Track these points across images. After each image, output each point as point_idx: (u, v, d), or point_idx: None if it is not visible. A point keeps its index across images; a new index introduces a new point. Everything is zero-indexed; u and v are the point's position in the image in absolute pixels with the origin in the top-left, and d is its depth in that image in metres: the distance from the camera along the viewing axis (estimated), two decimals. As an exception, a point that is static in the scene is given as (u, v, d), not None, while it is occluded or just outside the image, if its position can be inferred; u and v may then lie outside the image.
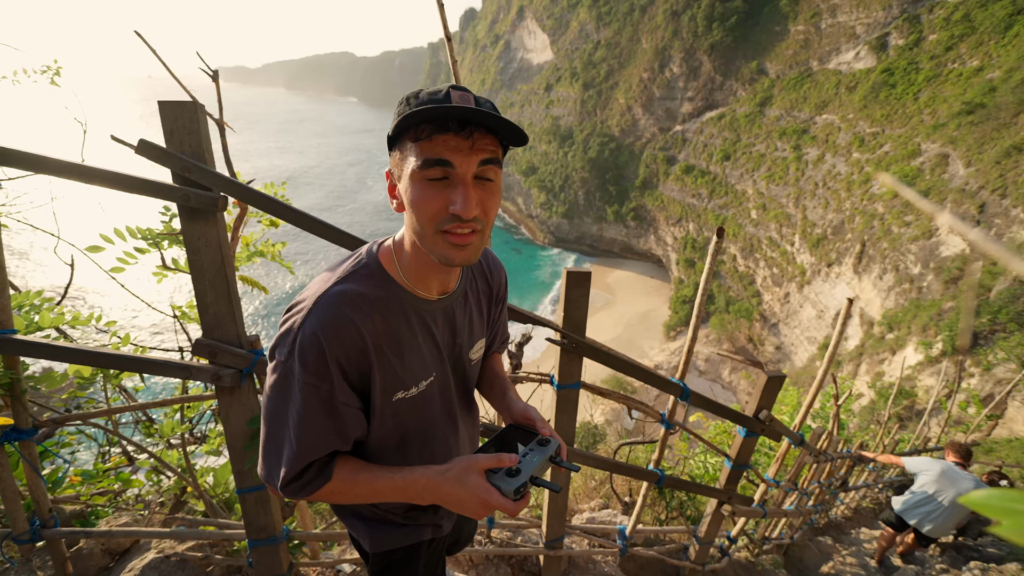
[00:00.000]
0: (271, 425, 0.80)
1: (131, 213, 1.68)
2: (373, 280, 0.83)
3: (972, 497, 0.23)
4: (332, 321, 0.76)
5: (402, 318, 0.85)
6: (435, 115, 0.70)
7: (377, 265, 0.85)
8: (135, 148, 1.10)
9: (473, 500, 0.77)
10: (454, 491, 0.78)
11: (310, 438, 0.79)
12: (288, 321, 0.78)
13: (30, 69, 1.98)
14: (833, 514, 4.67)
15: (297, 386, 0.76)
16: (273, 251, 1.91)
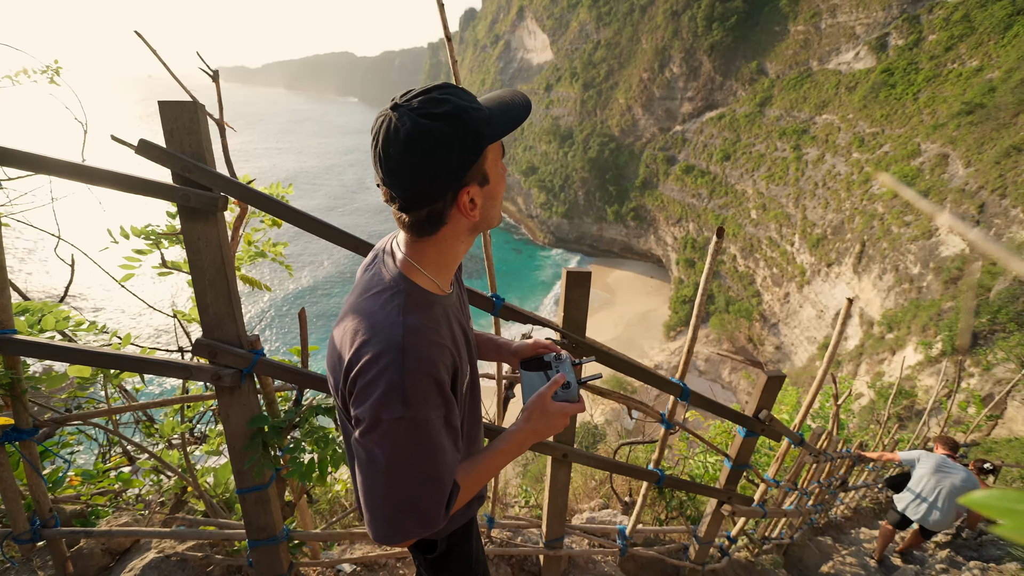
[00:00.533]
0: (402, 484, 0.78)
1: (131, 213, 1.68)
2: (424, 302, 0.85)
3: (973, 498, 0.23)
4: (433, 354, 0.79)
5: (450, 319, 0.90)
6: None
7: (415, 287, 0.86)
8: (135, 148, 1.10)
9: (558, 420, 0.95)
10: (544, 423, 0.94)
11: (447, 466, 0.83)
12: (381, 379, 0.75)
13: (30, 69, 1.98)
14: (833, 514, 4.67)
15: (423, 428, 0.78)
16: (275, 251, 1.91)
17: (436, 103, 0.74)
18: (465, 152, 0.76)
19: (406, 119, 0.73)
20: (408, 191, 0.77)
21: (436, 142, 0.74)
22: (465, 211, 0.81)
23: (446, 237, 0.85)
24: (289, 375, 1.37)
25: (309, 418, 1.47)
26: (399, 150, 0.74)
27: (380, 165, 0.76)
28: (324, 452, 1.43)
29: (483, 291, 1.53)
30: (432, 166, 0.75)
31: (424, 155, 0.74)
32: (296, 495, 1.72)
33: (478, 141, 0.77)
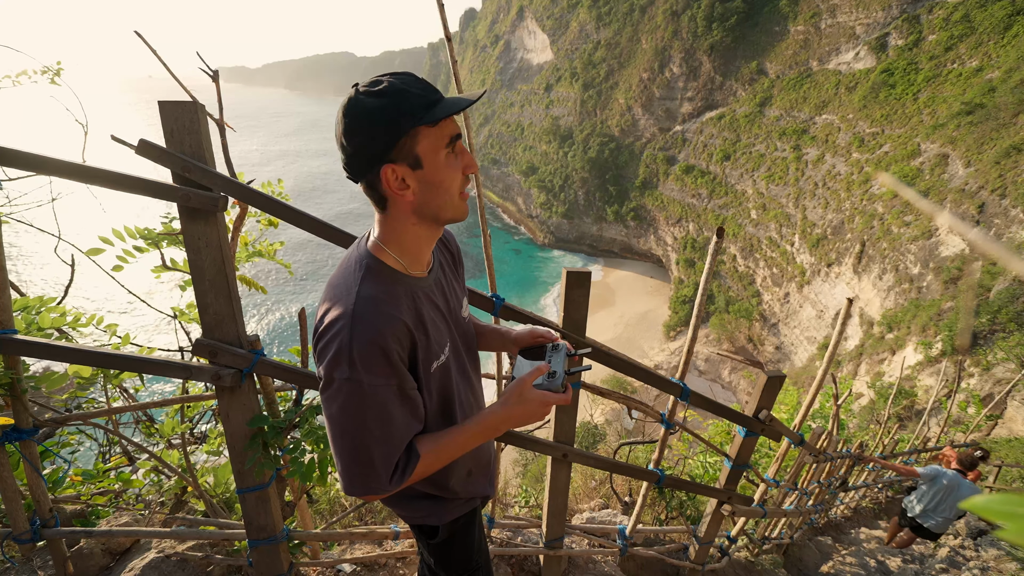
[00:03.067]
0: (352, 440, 0.86)
1: (132, 213, 1.69)
2: (385, 276, 0.91)
3: (975, 502, 0.23)
4: (381, 323, 0.85)
5: (417, 299, 0.95)
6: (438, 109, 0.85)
7: (379, 263, 0.92)
8: (135, 148, 1.10)
9: (536, 408, 0.95)
10: (520, 409, 0.95)
11: (397, 431, 0.88)
12: (334, 342, 0.83)
13: (31, 70, 1.98)
14: (833, 514, 4.67)
15: (370, 392, 0.84)
16: (270, 250, 1.91)
17: (377, 83, 0.83)
18: (386, 127, 0.82)
19: (351, 94, 0.83)
20: (346, 158, 0.86)
21: (363, 114, 0.81)
22: (392, 188, 0.86)
23: (395, 216, 0.91)
24: (289, 375, 1.37)
25: (309, 418, 1.47)
26: (340, 119, 0.83)
27: (337, 125, 0.85)
28: (324, 452, 1.44)
29: (483, 291, 1.54)
30: (359, 136, 0.83)
31: (354, 125, 0.82)
32: (296, 495, 1.72)
33: (401, 119, 0.81)
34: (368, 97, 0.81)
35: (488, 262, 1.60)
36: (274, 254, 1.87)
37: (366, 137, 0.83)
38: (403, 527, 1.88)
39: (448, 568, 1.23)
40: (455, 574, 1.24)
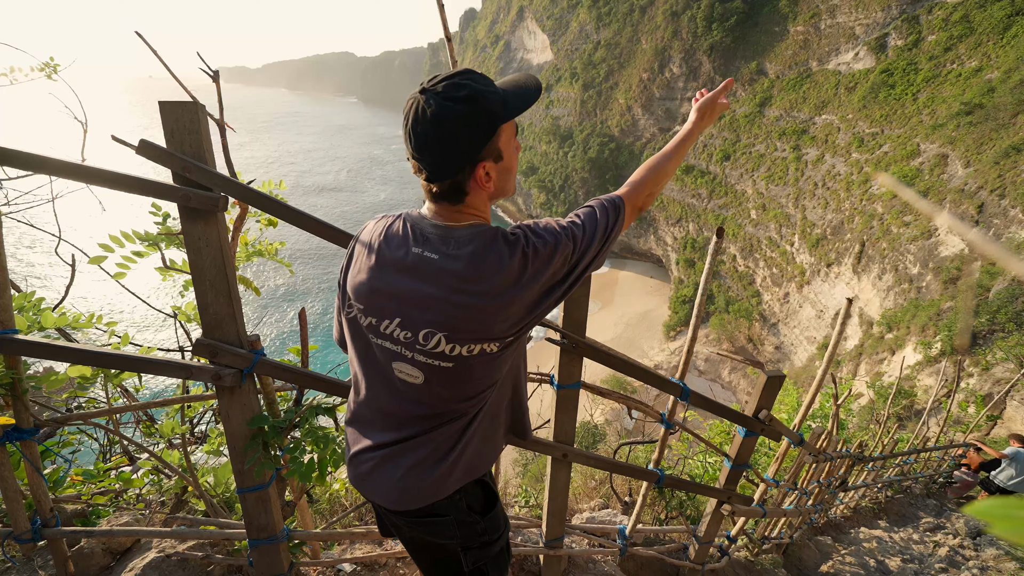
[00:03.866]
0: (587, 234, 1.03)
1: (132, 213, 1.69)
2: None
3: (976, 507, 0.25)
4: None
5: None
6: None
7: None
8: (136, 148, 1.10)
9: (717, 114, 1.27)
10: (709, 119, 1.27)
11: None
12: (517, 232, 0.98)
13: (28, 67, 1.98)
14: (833, 514, 4.67)
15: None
16: (271, 249, 1.91)
17: (457, 88, 0.87)
18: (481, 130, 0.88)
19: (432, 102, 0.86)
20: (434, 164, 0.90)
21: (456, 122, 0.86)
22: (481, 183, 0.93)
23: (469, 205, 0.97)
24: (289, 375, 1.38)
25: (309, 418, 1.48)
26: (426, 129, 0.87)
27: (410, 142, 0.89)
28: (324, 452, 1.44)
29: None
30: (453, 143, 0.88)
31: (447, 133, 0.87)
32: (296, 495, 1.72)
33: (492, 121, 0.89)
34: (455, 104, 0.86)
35: (488, 262, 1.60)
36: (275, 253, 1.87)
37: (461, 142, 0.88)
38: (403, 527, 1.88)
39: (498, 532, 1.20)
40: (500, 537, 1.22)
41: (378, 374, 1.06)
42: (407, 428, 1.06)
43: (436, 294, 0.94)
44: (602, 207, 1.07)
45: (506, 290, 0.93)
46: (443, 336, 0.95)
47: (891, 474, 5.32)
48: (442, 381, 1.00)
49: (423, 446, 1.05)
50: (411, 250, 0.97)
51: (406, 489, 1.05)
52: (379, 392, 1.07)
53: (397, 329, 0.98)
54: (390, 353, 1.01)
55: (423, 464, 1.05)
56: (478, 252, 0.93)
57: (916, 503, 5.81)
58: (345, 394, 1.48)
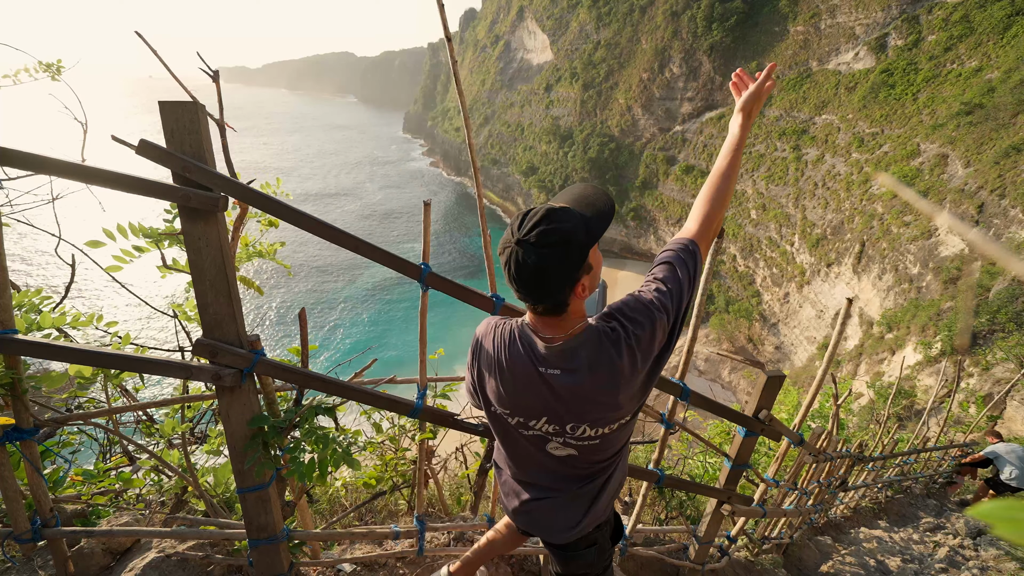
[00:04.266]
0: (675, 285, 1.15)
1: (132, 213, 1.68)
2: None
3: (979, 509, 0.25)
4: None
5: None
6: None
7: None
8: (136, 148, 1.10)
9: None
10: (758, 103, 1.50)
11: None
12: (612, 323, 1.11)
13: (32, 67, 1.98)
14: (833, 514, 4.67)
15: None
16: (271, 250, 1.91)
17: (548, 235, 0.98)
18: (576, 262, 1.01)
19: (531, 253, 0.98)
20: (539, 297, 1.04)
21: (556, 264, 0.99)
22: (579, 295, 1.06)
23: (571, 312, 1.09)
24: (289, 375, 1.38)
25: (309, 418, 1.48)
26: (530, 275, 1.00)
27: (516, 282, 1.03)
28: (324, 452, 1.44)
29: (483, 291, 1.54)
30: (557, 279, 1.01)
31: (550, 273, 1.00)
32: (296, 495, 1.72)
33: (583, 252, 1.01)
34: (551, 249, 0.98)
35: (488, 262, 1.60)
36: (274, 254, 1.87)
37: (562, 276, 1.00)
38: (403, 527, 1.88)
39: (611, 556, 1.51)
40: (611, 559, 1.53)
41: (530, 450, 1.25)
42: (564, 483, 1.28)
43: (570, 400, 1.11)
44: (679, 260, 1.18)
45: (625, 381, 1.09)
46: (586, 426, 1.15)
47: (891, 474, 5.32)
48: (592, 451, 1.21)
49: (577, 495, 1.29)
50: (536, 369, 1.12)
51: (563, 525, 1.31)
52: (536, 462, 1.27)
53: (545, 425, 1.17)
54: (542, 439, 1.21)
55: (579, 504, 1.29)
56: (592, 361, 1.08)
57: (916, 503, 5.82)
58: (345, 394, 1.49)
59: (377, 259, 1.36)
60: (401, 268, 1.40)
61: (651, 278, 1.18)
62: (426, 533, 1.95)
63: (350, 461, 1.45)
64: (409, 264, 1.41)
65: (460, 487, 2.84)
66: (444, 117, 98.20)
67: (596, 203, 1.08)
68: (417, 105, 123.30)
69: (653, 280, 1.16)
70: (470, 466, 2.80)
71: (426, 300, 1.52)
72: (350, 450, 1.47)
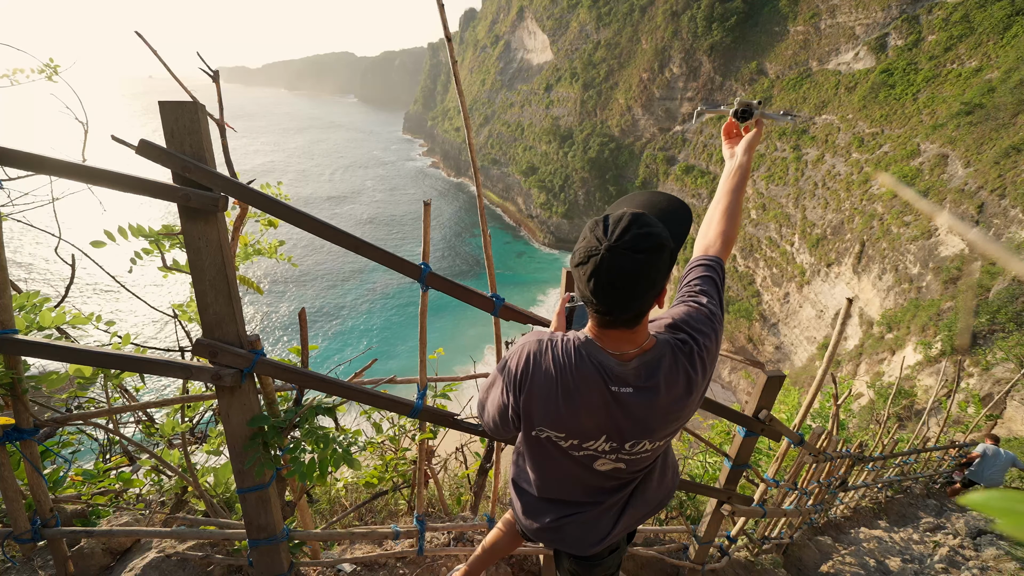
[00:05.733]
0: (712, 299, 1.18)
1: (133, 213, 1.68)
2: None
3: (974, 500, 0.25)
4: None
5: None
6: None
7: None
8: (136, 148, 1.10)
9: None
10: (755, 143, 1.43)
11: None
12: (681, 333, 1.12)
13: (29, 68, 1.98)
14: (832, 514, 4.67)
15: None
16: (271, 248, 1.91)
17: (645, 239, 0.93)
18: (668, 270, 0.98)
19: (627, 259, 0.92)
20: (631, 306, 0.97)
21: (653, 270, 0.95)
22: (661, 303, 1.04)
23: (642, 324, 1.05)
24: (289, 375, 1.38)
25: (309, 418, 1.48)
26: (626, 283, 0.93)
27: (606, 291, 0.94)
28: (324, 452, 1.44)
29: (483, 291, 1.54)
30: (651, 286, 0.96)
31: (646, 280, 0.94)
32: (296, 495, 1.72)
33: (673, 257, 0.99)
34: (648, 255, 0.93)
35: (488, 262, 1.60)
36: (275, 252, 1.87)
37: (654, 283, 0.96)
38: (403, 527, 1.88)
39: None
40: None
41: (574, 469, 1.20)
42: (599, 495, 1.25)
43: (641, 418, 1.08)
44: (712, 269, 1.21)
45: (697, 393, 1.10)
46: (647, 441, 1.12)
47: (891, 474, 5.32)
48: (638, 463, 1.19)
49: (607, 508, 1.27)
50: (608, 388, 1.06)
51: (593, 539, 1.29)
52: (575, 478, 1.23)
53: (603, 444, 1.12)
54: (593, 457, 1.16)
55: (609, 516, 1.27)
56: (669, 376, 1.06)
57: (916, 503, 5.82)
58: (344, 394, 1.49)
59: (377, 259, 1.36)
60: (401, 268, 1.40)
61: (695, 289, 1.18)
62: (426, 533, 1.95)
63: (350, 461, 1.45)
64: (409, 264, 1.41)
65: (460, 487, 2.84)
66: (444, 117, 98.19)
67: (674, 211, 1.11)
68: (417, 105, 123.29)
69: (699, 292, 1.17)
70: (470, 466, 2.80)
71: (426, 300, 1.52)
72: (350, 450, 1.47)
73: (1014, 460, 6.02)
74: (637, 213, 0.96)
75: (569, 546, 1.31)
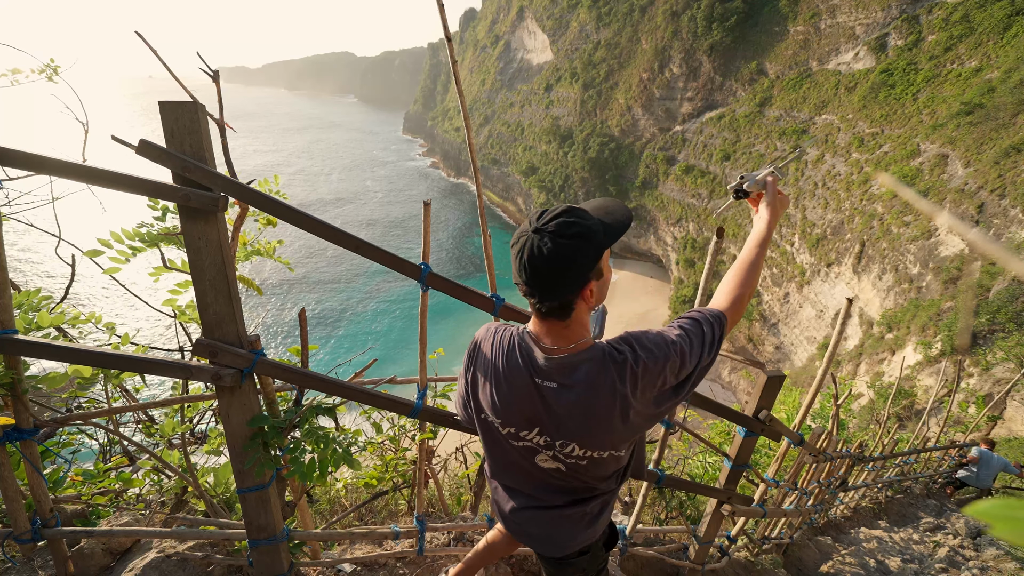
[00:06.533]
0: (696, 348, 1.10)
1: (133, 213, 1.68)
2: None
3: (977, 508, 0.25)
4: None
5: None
6: None
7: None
8: (136, 148, 1.10)
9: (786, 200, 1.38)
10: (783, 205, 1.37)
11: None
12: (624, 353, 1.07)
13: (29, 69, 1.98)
14: (833, 514, 4.67)
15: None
16: (270, 248, 1.91)
17: (569, 226, 0.97)
18: (590, 260, 1.00)
19: (548, 242, 0.96)
20: (547, 291, 1.01)
21: (571, 256, 0.97)
22: (587, 300, 1.05)
23: (575, 319, 1.07)
24: (289, 375, 1.38)
25: (309, 418, 1.48)
26: (544, 263, 0.97)
27: (526, 272, 1.00)
28: (324, 452, 1.44)
29: (483, 291, 1.54)
30: (568, 273, 0.98)
31: (564, 266, 0.97)
32: (296, 495, 1.72)
33: (599, 250, 1.01)
34: (570, 240, 0.96)
35: (488, 262, 1.60)
36: (273, 252, 1.87)
37: (574, 272, 0.98)
38: (403, 527, 1.88)
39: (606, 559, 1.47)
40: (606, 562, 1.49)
41: (520, 461, 1.22)
42: (553, 497, 1.25)
43: (563, 416, 1.08)
44: (707, 320, 1.15)
45: (621, 409, 1.06)
46: (575, 445, 1.11)
47: (891, 474, 5.32)
48: (579, 471, 1.18)
49: (569, 515, 1.26)
50: (533, 379, 1.10)
51: (557, 542, 1.28)
52: (523, 470, 1.25)
53: (536, 437, 1.14)
54: (532, 450, 1.18)
55: (573, 523, 1.26)
56: (591, 381, 1.05)
57: (916, 503, 5.82)
58: (344, 394, 1.49)
59: (377, 259, 1.36)
60: (401, 268, 1.40)
61: (677, 324, 1.15)
62: (426, 533, 1.95)
63: (350, 461, 1.45)
64: (409, 264, 1.41)
65: (460, 487, 2.84)
66: (444, 117, 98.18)
67: (615, 212, 1.09)
68: (417, 105, 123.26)
69: (679, 327, 1.13)
70: (470, 466, 2.80)
71: (426, 300, 1.52)
72: (350, 450, 1.47)
73: (1006, 465, 6.19)
74: (572, 206, 1.01)
75: (531, 542, 1.34)
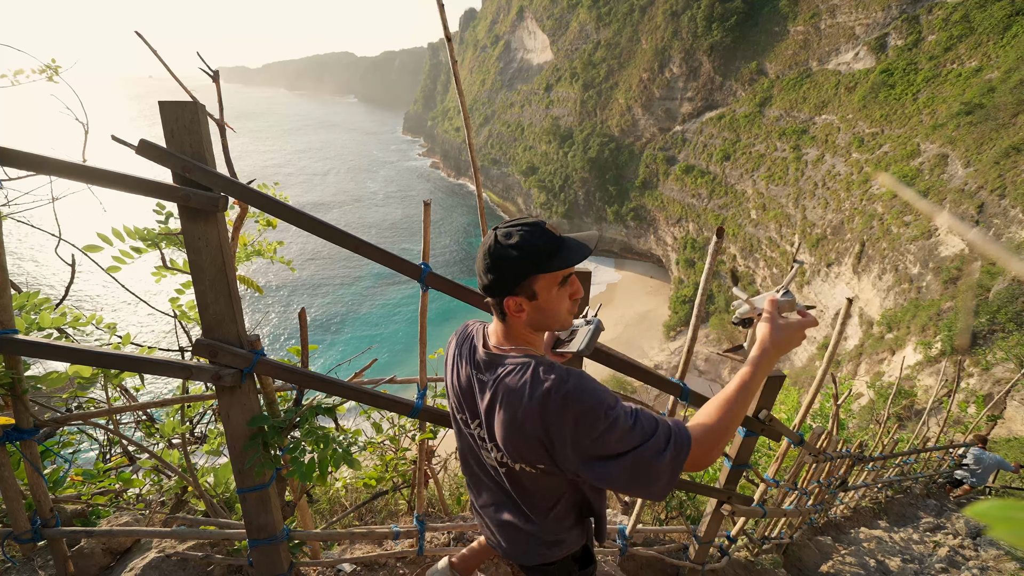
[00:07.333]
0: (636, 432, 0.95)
1: (133, 213, 1.68)
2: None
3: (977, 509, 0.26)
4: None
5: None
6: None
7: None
8: (136, 148, 1.10)
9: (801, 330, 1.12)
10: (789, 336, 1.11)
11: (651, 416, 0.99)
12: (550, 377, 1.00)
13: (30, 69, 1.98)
14: (833, 514, 4.67)
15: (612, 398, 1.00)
16: (270, 248, 1.91)
17: (510, 235, 1.05)
18: (517, 272, 1.04)
19: (492, 238, 1.07)
20: (484, 284, 1.10)
21: (500, 260, 1.05)
22: (511, 310, 1.10)
23: (510, 325, 1.14)
24: (289, 375, 1.38)
25: (309, 418, 1.48)
26: (481, 257, 1.09)
27: (482, 260, 1.09)
28: (324, 452, 1.44)
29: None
30: (498, 273, 1.06)
31: (493, 265, 1.06)
32: (296, 495, 1.72)
33: (528, 268, 1.04)
34: (506, 248, 1.03)
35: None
36: (274, 252, 1.88)
37: (499, 277, 1.05)
38: (403, 527, 1.88)
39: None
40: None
41: (474, 451, 1.25)
42: (498, 497, 1.25)
43: (487, 412, 1.11)
44: (663, 422, 0.98)
45: (524, 420, 1.01)
46: (494, 446, 1.13)
47: (891, 474, 5.32)
48: (509, 476, 1.18)
49: (518, 527, 1.23)
50: (471, 371, 1.16)
51: (503, 547, 1.29)
52: (478, 463, 1.27)
53: (478, 429, 1.17)
54: (479, 442, 1.20)
55: (514, 532, 1.24)
56: (508, 384, 1.05)
57: (916, 503, 5.82)
58: (344, 394, 1.49)
59: (377, 259, 1.36)
60: (401, 268, 1.40)
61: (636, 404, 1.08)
62: (426, 533, 1.95)
63: (350, 461, 1.45)
64: (409, 264, 1.41)
65: (460, 487, 2.84)
66: (444, 117, 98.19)
67: (583, 242, 1.08)
68: (417, 105, 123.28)
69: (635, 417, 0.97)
70: (470, 466, 2.79)
71: (426, 300, 1.52)
72: (350, 450, 1.47)
73: (1000, 462, 6.19)
74: (540, 223, 1.07)
75: (492, 545, 1.34)
